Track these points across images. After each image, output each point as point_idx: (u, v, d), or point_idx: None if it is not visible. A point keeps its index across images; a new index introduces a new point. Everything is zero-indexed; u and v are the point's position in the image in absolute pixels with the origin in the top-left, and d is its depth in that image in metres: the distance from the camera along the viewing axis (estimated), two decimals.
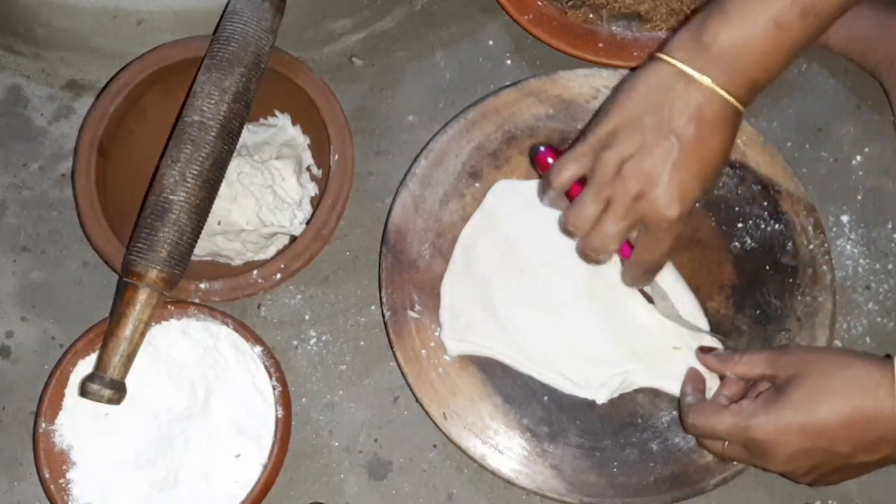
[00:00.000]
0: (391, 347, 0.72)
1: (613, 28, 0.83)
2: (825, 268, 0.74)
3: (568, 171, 0.64)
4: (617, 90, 0.64)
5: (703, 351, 0.69)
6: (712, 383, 0.69)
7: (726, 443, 0.64)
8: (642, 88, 0.62)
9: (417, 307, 0.72)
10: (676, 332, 0.71)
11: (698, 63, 0.60)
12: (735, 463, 0.68)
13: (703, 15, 0.61)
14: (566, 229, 0.65)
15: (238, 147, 0.75)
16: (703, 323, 0.72)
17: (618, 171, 0.62)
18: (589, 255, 0.65)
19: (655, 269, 0.68)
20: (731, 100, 0.60)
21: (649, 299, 0.72)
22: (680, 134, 0.60)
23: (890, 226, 0.78)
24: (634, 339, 0.71)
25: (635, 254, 0.66)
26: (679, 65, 0.60)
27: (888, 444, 0.59)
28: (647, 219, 0.62)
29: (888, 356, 0.61)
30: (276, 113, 0.81)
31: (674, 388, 0.70)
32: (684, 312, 0.71)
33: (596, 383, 0.70)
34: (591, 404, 0.70)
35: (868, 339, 0.75)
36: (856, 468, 0.62)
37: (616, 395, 0.70)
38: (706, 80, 0.60)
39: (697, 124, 0.60)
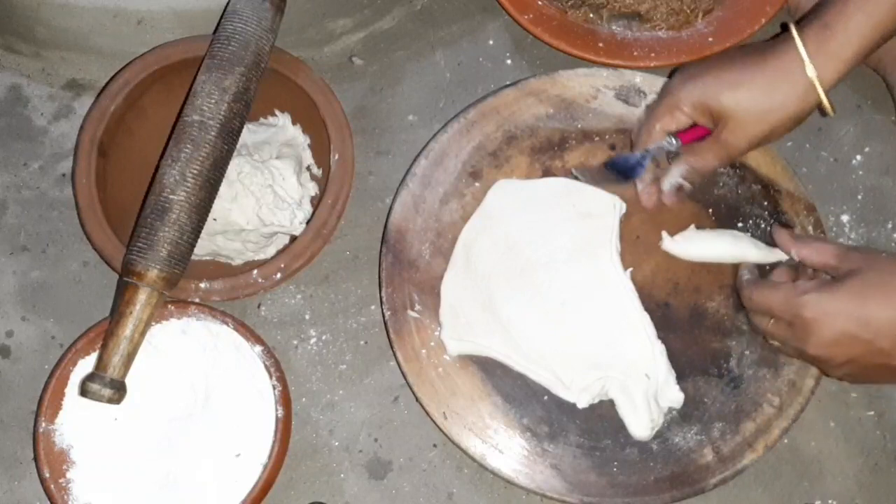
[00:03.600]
0: (391, 347, 0.72)
1: (613, 28, 0.83)
2: None
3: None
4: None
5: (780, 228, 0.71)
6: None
7: (772, 320, 0.67)
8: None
9: (417, 307, 0.72)
10: (654, 360, 0.70)
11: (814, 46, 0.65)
12: (735, 462, 0.68)
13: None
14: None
15: (238, 146, 0.75)
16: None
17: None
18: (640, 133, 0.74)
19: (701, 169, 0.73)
20: (815, 78, 0.65)
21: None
22: (756, 61, 0.67)
23: (890, 226, 0.78)
24: (622, 345, 0.70)
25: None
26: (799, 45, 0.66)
27: None
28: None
29: None
30: (276, 112, 0.81)
31: (628, 411, 0.69)
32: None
33: (580, 386, 0.69)
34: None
35: None
36: (891, 371, 0.64)
37: (596, 400, 0.70)
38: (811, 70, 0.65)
39: (774, 63, 0.66)
